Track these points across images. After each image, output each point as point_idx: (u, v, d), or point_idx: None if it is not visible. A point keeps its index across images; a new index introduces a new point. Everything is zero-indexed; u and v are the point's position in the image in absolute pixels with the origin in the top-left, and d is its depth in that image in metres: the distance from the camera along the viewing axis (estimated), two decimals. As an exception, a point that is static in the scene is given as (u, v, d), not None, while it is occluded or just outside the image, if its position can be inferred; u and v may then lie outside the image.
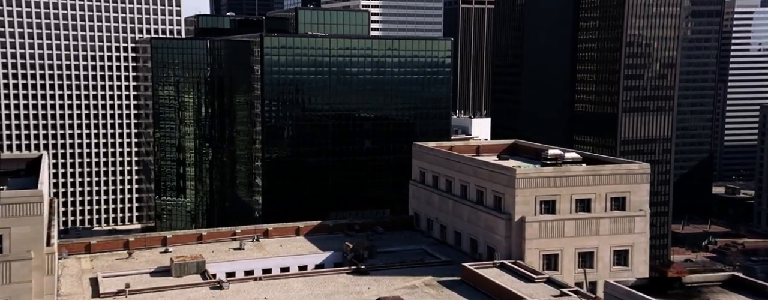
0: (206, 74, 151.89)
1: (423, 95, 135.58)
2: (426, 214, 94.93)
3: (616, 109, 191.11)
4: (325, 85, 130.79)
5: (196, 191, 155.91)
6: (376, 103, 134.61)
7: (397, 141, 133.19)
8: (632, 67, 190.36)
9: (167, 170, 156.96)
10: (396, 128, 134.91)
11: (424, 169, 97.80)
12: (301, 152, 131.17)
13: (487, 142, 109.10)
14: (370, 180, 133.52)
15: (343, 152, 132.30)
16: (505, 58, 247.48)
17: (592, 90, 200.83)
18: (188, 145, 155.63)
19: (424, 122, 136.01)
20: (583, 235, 73.86)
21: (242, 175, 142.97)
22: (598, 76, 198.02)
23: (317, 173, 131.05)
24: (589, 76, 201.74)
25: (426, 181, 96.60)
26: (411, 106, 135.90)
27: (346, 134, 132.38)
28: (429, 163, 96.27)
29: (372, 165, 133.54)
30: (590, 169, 75.56)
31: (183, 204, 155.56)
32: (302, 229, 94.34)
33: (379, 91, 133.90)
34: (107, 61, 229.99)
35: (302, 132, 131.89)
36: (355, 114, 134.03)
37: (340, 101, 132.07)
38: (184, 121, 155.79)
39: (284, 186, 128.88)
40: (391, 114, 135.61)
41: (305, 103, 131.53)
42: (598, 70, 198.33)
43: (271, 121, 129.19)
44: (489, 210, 78.07)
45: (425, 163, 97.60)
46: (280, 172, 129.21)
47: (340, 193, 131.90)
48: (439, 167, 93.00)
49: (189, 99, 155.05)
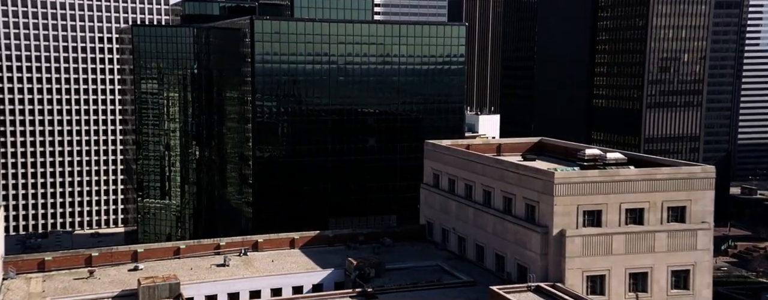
0: (192, 65, 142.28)
1: (434, 88, 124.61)
2: (441, 224, 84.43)
3: (639, 104, 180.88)
4: (323, 76, 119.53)
5: (182, 193, 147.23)
6: (381, 97, 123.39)
7: (405, 139, 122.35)
8: (658, 58, 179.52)
9: (150, 170, 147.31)
10: (403, 125, 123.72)
11: (438, 171, 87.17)
12: (296, 151, 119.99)
13: (509, 141, 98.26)
14: (374, 183, 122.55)
15: (343, 151, 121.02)
16: (515, 50, 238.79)
17: (612, 83, 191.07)
18: (173, 143, 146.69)
19: (435, 118, 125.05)
20: (635, 252, 62.97)
21: (232, 177, 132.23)
22: (620, 68, 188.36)
23: (315, 175, 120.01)
24: (609, 69, 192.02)
25: (440, 185, 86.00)
26: (420, 100, 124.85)
27: (348, 131, 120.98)
28: (444, 164, 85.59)
29: (376, 166, 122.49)
30: (643, 172, 64.48)
31: (167, 206, 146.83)
32: (297, 241, 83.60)
33: (384, 83, 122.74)
34: (89, 53, 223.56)
35: (298, 129, 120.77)
36: (358, 109, 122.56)
37: (341, 94, 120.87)
38: (168, 116, 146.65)
39: (277, 189, 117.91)
40: (398, 109, 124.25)
41: (301, 96, 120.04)
42: (619, 62, 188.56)
43: (262, 117, 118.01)
44: (520, 221, 67.23)
45: (439, 164, 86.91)
46: (272, 173, 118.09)
47: (340, 197, 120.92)
48: (456, 169, 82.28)
49: (174, 93, 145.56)
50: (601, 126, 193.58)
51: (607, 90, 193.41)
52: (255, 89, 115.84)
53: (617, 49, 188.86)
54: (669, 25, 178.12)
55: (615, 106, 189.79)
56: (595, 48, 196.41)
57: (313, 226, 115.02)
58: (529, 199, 66.79)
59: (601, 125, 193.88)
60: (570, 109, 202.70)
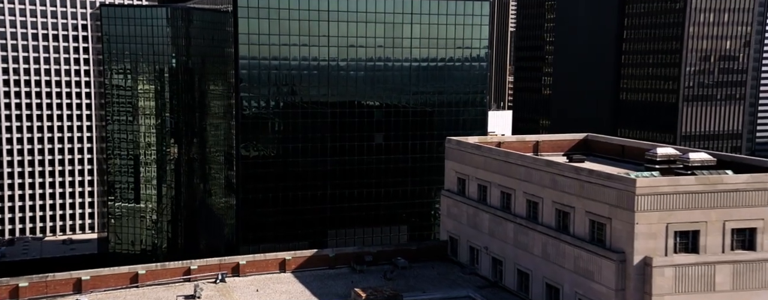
0: (169, 51, 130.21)
1: (451, 76, 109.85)
2: (468, 241, 70.87)
3: (675, 97, 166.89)
4: (321, 62, 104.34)
5: (158, 197, 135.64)
6: (389, 86, 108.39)
7: (418, 136, 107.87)
8: (698, 45, 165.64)
9: (122, 171, 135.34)
10: (416, 119, 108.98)
11: (463, 175, 73.17)
12: (290, 151, 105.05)
13: (548, 137, 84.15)
14: (382, 187, 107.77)
15: (345, 151, 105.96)
16: (531, 39, 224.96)
17: (643, 74, 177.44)
18: (147, 141, 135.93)
19: (453, 111, 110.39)
20: (746, 288, 48.20)
21: (215, 180, 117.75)
22: (653, 57, 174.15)
23: (311, 179, 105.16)
24: (639, 58, 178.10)
25: (467, 193, 72.13)
26: (435, 90, 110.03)
27: (350, 127, 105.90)
28: (472, 166, 71.59)
29: (384, 167, 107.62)
30: (755, 180, 49.70)
31: (140, 211, 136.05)
32: (289, 263, 69.51)
33: (393, 71, 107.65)
34: (62, 42, 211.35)
35: (291, 124, 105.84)
36: (362, 101, 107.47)
37: (342, 83, 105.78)
38: (142, 111, 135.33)
39: (267, 195, 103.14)
40: (410, 100, 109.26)
41: (295, 86, 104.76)
42: (652, 50, 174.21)
43: (249, 110, 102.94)
44: (583, 243, 52.95)
45: (466, 167, 72.87)
46: (261, 176, 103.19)
47: (341, 204, 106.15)
48: (488, 173, 68.16)
49: (148, 83, 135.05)
50: (628, 122, 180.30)
51: (636, 82, 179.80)
52: (240, 77, 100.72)
53: (649, 36, 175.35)
54: (710, 8, 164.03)
55: (646, 99, 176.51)
56: (622, 35, 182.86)
57: (310, 239, 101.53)
58: (595, 215, 52.31)
59: (629, 121, 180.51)
60: (593, 103, 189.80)
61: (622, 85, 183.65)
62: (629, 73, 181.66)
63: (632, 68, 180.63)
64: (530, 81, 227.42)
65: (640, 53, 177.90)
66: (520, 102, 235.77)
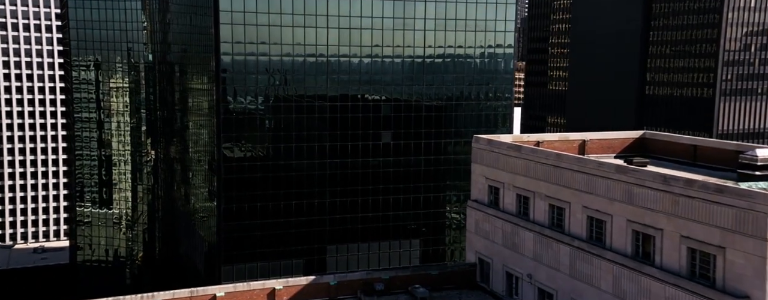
0: (142, 37, 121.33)
1: (473, 63, 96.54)
2: (504, 265, 59.25)
3: (711, 90, 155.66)
4: (319, 46, 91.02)
5: (134, 202, 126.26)
6: (399, 76, 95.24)
7: (432, 134, 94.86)
8: (737, 32, 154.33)
9: (89, 173, 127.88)
10: (430, 114, 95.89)
11: (497, 183, 61.27)
12: (281, 152, 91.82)
13: (596, 136, 71.82)
14: (390, 195, 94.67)
15: (347, 152, 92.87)
16: (545, 29, 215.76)
17: (673, 66, 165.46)
18: (119, 141, 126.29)
19: (474, 105, 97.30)
20: None
21: (196, 185, 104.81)
22: (686, 46, 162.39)
23: (307, 185, 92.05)
24: (669, 47, 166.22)
25: (502, 205, 60.39)
26: (453, 81, 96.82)
27: (353, 124, 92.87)
28: (509, 171, 59.42)
29: (393, 171, 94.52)
30: None
31: (109, 217, 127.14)
32: (280, 294, 58.18)
33: (404, 57, 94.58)
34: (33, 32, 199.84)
35: (284, 121, 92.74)
36: (367, 93, 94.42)
37: (344, 72, 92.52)
38: (113, 107, 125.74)
39: (254, 204, 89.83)
40: (423, 92, 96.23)
41: (288, 76, 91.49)
42: (684, 39, 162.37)
43: (233, 104, 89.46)
44: (678, 279, 40.56)
45: (500, 172, 60.73)
46: (248, 182, 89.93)
47: (342, 216, 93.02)
48: (532, 180, 56.11)
49: (120, 77, 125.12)
50: (656, 119, 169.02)
51: (665, 74, 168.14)
52: (221, 66, 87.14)
53: (681, 24, 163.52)
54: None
55: (677, 93, 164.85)
56: (650, 22, 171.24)
57: (305, 257, 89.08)
58: (697, 241, 39.59)
59: (656, 118, 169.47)
60: (615, 98, 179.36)
61: (648, 79, 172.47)
62: (657, 66, 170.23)
63: (660, 60, 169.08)
64: (543, 75, 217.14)
65: (670, 43, 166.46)
66: (530, 98, 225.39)
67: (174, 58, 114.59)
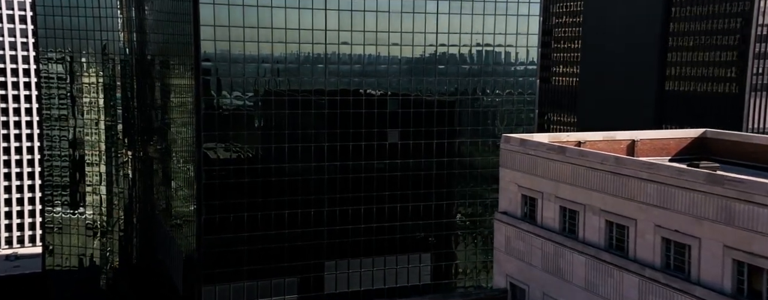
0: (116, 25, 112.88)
1: (491, 52, 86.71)
2: (545, 294, 48.93)
3: (739, 86, 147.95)
4: (316, 30, 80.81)
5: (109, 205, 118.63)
6: (408, 67, 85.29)
7: (446, 133, 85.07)
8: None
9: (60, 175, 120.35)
10: (443, 110, 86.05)
11: (533, 192, 52.34)
12: (272, 154, 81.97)
13: (644, 135, 62.58)
14: (397, 203, 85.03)
15: (347, 153, 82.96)
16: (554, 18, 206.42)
17: (697, 59, 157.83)
18: (93, 140, 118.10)
19: (492, 101, 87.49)
20: None
21: (175, 191, 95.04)
22: (709, 38, 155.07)
23: (302, 192, 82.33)
24: (693, 39, 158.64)
25: (541, 219, 51.63)
26: (468, 73, 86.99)
27: (355, 122, 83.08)
28: (550, 178, 50.41)
29: (400, 176, 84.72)
30: None
31: (80, 221, 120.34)
32: None
33: (415, 46, 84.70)
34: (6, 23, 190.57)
35: (276, 119, 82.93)
36: (371, 87, 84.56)
37: (345, 62, 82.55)
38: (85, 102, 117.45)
39: (240, 215, 79.80)
40: (435, 86, 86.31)
41: (280, 66, 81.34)
42: (710, 29, 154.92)
43: (216, 98, 79.21)
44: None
45: (538, 179, 51.71)
46: (232, 189, 79.94)
47: (343, 227, 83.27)
48: (582, 190, 47.18)
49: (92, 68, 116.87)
50: (676, 117, 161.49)
51: (687, 69, 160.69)
52: (202, 55, 76.78)
53: (706, 11, 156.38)
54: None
55: (701, 89, 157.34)
56: (670, 11, 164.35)
57: (300, 275, 79.20)
58: None
59: (677, 116, 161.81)
60: (632, 93, 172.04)
61: (668, 73, 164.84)
62: (678, 59, 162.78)
63: (682, 52, 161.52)
64: (545, 69, 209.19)
65: (693, 34, 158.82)
66: (539, 92, 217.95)
67: (153, 48, 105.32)
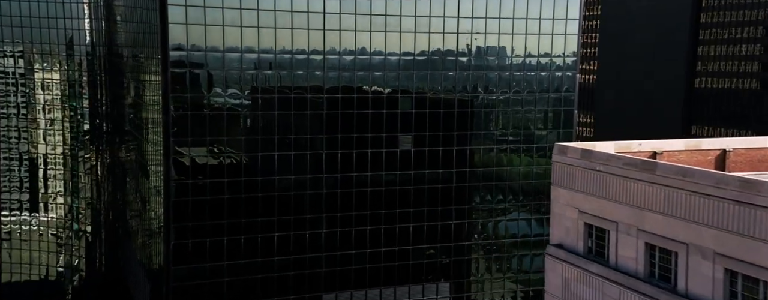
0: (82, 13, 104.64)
1: (523, 42, 74.76)
2: None
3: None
4: (312, 15, 68.63)
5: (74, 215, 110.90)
6: (422, 59, 73.19)
7: (467, 138, 73.09)
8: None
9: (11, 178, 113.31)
10: (465, 110, 74.29)
11: (601, 221, 40.37)
12: (258, 164, 69.96)
13: (738, 143, 51.69)
14: (410, 222, 73.21)
15: (350, 163, 71.12)
16: None
17: (731, 53, 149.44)
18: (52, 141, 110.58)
19: (522, 100, 75.69)
20: None
21: (141, 207, 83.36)
22: (746, 30, 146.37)
23: (295, 210, 70.47)
24: (726, 32, 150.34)
25: (615, 259, 39.09)
26: (496, 66, 75.08)
27: (360, 126, 71.07)
28: (630, 204, 41.77)
29: (414, 190, 72.91)
30: None
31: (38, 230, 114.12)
32: None
33: (432, 34, 72.62)
34: None
35: (262, 122, 70.90)
36: (379, 83, 72.50)
37: (347, 52, 70.45)
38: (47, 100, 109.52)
39: (218, 239, 67.71)
40: (456, 82, 74.23)
41: (268, 58, 69.18)
42: (744, 21, 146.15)
43: (188, 97, 66.84)
44: None
45: (610, 205, 41.87)
46: (210, 208, 67.77)
47: (344, 252, 71.28)
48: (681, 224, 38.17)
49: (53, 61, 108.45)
50: (708, 117, 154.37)
51: (721, 64, 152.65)
52: (171, 41, 64.41)
53: (741, 2, 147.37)
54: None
55: (735, 87, 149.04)
56: (701, 2, 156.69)
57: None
58: None
59: (708, 116, 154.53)
60: (657, 92, 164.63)
61: (699, 69, 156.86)
62: (710, 53, 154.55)
63: (715, 46, 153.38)
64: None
65: (727, 26, 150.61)
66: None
67: (123, 39, 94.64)
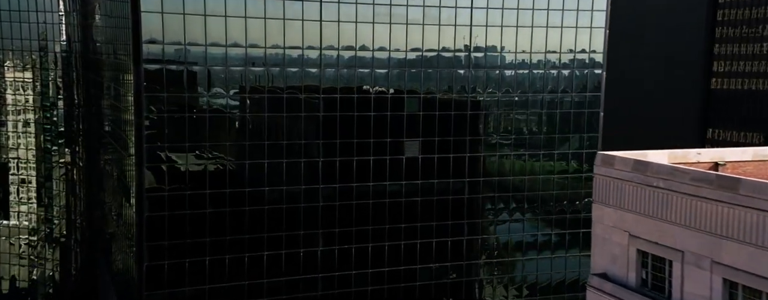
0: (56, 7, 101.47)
1: (542, 35, 68.26)
2: None
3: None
4: (307, 2, 61.60)
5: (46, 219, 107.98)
6: (432, 55, 66.30)
7: (482, 144, 66.16)
8: None
9: None
10: (479, 112, 67.48)
11: (658, 249, 33.65)
12: (245, 174, 62.76)
13: None
14: (417, 239, 66.23)
15: (349, 173, 63.94)
16: None
17: (751, 52, 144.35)
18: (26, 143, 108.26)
19: (542, 100, 69.07)
20: None
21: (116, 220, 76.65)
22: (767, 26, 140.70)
23: (288, 226, 63.32)
24: (745, 30, 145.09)
25: (679, 296, 32.23)
26: (515, 63, 68.31)
27: (361, 129, 64.01)
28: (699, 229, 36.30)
29: (421, 202, 65.95)
30: None
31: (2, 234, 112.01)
32: None
33: (440, 25, 65.59)
34: None
35: (250, 125, 63.91)
36: (382, 81, 65.52)
37: (346, 47, 63.55)
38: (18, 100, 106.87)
39: (199, 260, 60.54)
40: (467, 81, 67.33)
41: (257, 53, 62.20)
42: (766, 17, 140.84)
43: (163, 95, 59.60)
44: None
45: (671, 229, 33.20)
46: (189, 223, 60.61)
47: (342, 273, 64.34)
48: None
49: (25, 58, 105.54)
50: (726, 119, 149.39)
51: (739, 64, 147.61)
52: (143, 34, 57.25)
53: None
54: None
55: (756, 88, 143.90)
56: None
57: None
58: None
59: (726, 118, 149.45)
60: (670, 93, 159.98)
61: (716, 69, 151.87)
62: (728, 52, 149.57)
63: (733, 45, 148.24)
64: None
65: (747, 23, 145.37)
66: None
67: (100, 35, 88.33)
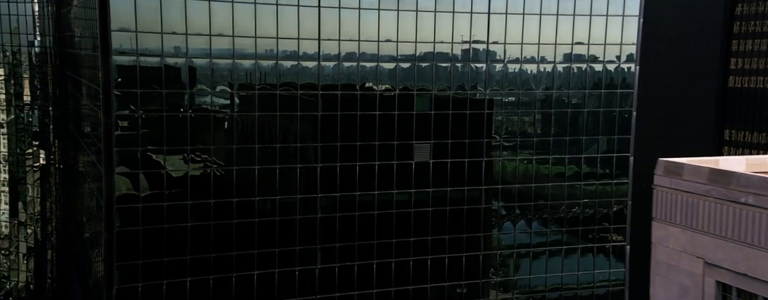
0: None
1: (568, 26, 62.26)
2: None
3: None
4: None
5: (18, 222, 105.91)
6: (443, 49, 60.20)
7: (501, 147, 60.03)
8: None
9: None
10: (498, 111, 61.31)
11: (745, 283, 26.47)
12: (232, 182, 56.38)
13: None
14: (428, 254, 60.00)
15: (352, 181, 57.70)
16: None
17: None
18: None
19: (568, 99, 63.05)
20: None
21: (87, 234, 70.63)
22: None
23: (281, 241, 56.79)
24: (764, 25, 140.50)
25: None
26: (537, 58, 62.24)
27: (364, 131, 57.78)
28: None
29: (433, 213, 59.77)
30: None
31: None
32: None
33: (454, 13, 59.45)
34: None
35: (239, 127, 57.50)
36: (387, 78, 59.31)
37: (347, 38, 57.44)
38: None
39: (178, 282, 54.21)
40: (484, 77, 61.21)
41: (247, 45, 55.93)
42: None
43: (137, 98, 53.17)
44: None
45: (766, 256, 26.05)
46: (166, 238, 54.31)
47: (344, 294, 57.87)
48: None
49: None
50: (743, 119, 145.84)
51: (758, 61, 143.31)
52: (112, 21, 50.86)
53: None
54: None
55: None
56: None
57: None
58: None
59: (743, 118, 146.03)
60: (685, 92, 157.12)
61: (732, 66, 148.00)
62: (746, 49, 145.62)
63: (751, 41, 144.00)
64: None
65: (765, 18, 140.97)
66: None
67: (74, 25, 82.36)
